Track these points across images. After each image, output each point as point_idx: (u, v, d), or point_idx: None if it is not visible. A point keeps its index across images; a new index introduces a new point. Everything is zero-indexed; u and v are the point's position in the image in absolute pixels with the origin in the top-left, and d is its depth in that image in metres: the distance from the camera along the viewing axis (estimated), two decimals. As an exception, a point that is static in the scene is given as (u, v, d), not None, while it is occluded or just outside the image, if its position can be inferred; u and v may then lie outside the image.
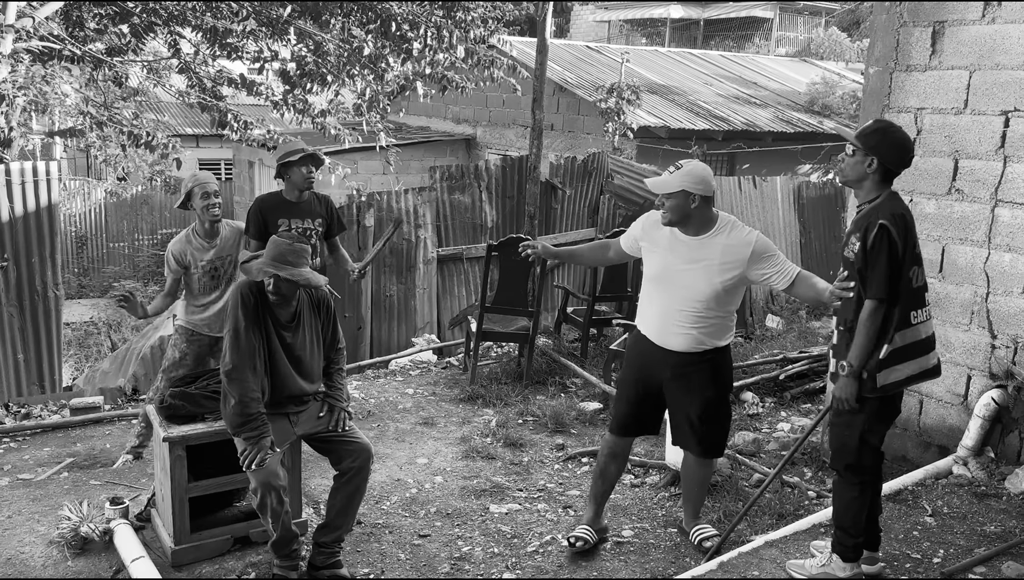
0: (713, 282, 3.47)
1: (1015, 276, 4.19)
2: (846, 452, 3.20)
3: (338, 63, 8.34)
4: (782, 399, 5.96)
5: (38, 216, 6.47)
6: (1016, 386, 4.21)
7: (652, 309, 3.65)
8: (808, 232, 10.68)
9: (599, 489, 3.90)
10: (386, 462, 4.90)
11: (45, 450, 5.30)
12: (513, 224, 9.10)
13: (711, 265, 3.47)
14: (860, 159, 3.09)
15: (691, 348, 3.55)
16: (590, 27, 27.80)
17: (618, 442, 3.82)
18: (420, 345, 7.96)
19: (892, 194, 3.13)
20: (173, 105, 18.02)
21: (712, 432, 3.68)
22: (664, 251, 3.57)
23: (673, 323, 3.55)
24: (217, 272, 4.60)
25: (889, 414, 3.23)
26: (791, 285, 3.46)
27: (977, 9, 4.20)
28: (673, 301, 3.54)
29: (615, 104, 11.44)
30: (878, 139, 3.09)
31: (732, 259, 3.46)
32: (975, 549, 3.59)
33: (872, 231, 3.01)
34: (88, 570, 3.58)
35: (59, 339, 6.79)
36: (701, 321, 3.52)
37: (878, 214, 3.04)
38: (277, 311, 3.49)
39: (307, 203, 4.72)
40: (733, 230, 3.51)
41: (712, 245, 3.49)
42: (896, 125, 3.19)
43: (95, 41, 8.55)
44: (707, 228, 3.50)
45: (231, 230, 4.66)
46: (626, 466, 4.09)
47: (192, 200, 4.49)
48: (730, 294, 3.54)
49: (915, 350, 3.10)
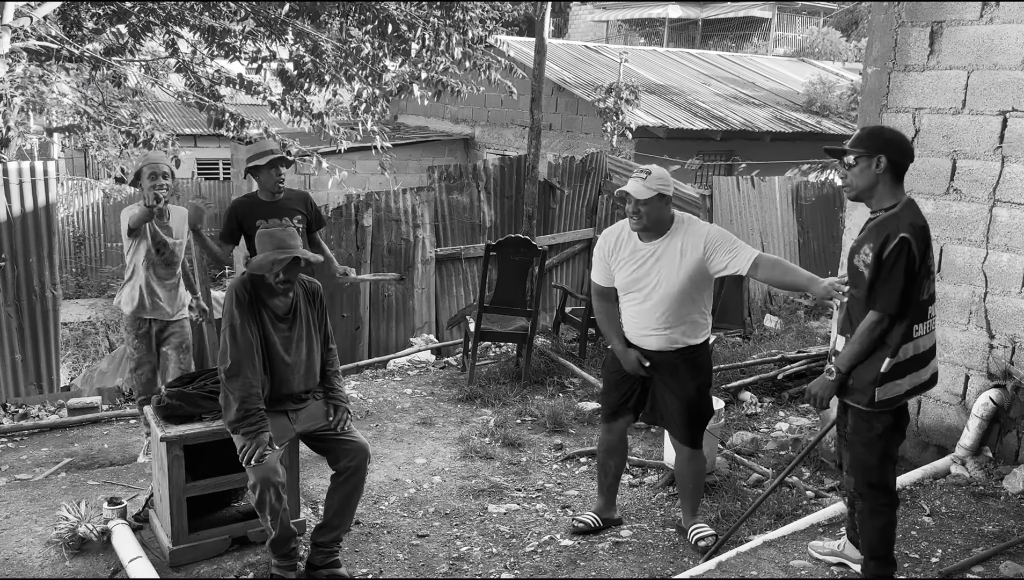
0: (678, 280, 3.59)
1: (1013, 276, 4.19)
2: (869, 471, 3.09)
3: (336, 63, 8.33)
4: (780, 399, 5.97)
5: (36, 216, 6.46)
6: (1014, 386, 4.21)
7: (627, 316, 3.81)
8: (806, 232, 10.69)
9: (604, 482, 4.09)
10: (384, 462, 4.89)
11: (43, 450, 5.29)
12: (511, 224, 9.10)
13: (672, 264, 3.61)
14: (866, 164, 2.98)
15: (666, 347, 3.70)
16: (588, 27, 27.81)
17: (606, 430, 3.98)
18: (418, 345, 7.96)
19: (910, 202, 3.02)
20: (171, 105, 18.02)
21: (693, 424, 3.80)
22: (627, 263, 3.72)
23: (647, 326, 3.71)
24: (166, 248, 4.60)
25: (903, 424, 3.17)
26: (754, 268, 3.51)
27: (975, 9, 4.20)
28: (644, 306, 3.70)
29: (613, 104, 11.44)
30: (878, 138, 3.02)
31: (690, 253, 3.58)
32: (973, 549, 3.59)
33: (891, 243, 2.89)
34: (86, 570, 3.58)
35: (57, 339, 6.78)
36: (672, 321, 3.66)
37: (898, 225, 2.91)
38: (274, 305, 3.49)
39: (284, 201, 4.72)
40: (690, 226, 3.65)
41: (672, 244, 3.63)
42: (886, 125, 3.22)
43: (93, 41, 8.54)
44: (667, 228, 3.64)
45: (179, 214, 4.72)
46: (626, 456, 4.16)
47: (141, 179, 4.55)
48: (698, 290, 3.65)
49: (913, 364, 3.03)
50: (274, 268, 3.41)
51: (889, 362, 2.98)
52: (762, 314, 9.46)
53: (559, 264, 9.50)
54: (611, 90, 11.55)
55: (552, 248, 9.15)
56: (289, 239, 3.45)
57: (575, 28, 28.12)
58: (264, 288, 3.48)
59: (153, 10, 8.24)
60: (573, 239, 9.60)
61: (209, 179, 19.89)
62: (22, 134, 7.17)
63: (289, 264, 3.42)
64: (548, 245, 8.74)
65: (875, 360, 3.00)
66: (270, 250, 3.43)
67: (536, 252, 6.44)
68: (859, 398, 3.06)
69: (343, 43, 8.44)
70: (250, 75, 8.83)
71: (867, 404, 3.03)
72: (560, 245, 9.48)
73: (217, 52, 8.42)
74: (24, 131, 7.33)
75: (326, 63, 8.29)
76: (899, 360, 2.99)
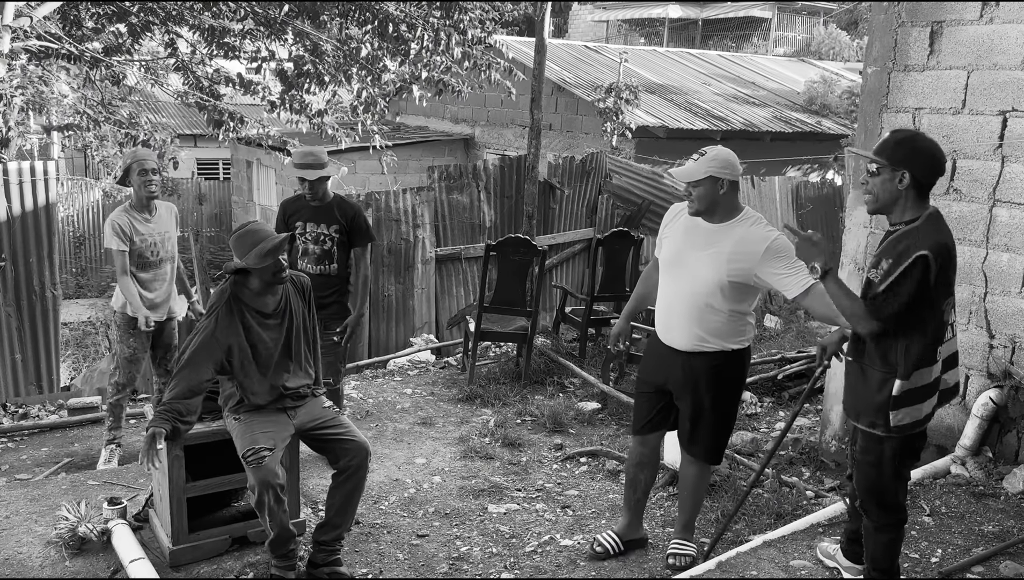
0: (720, 272, 3.28)
1: (1013, 276, 4.19)
2: (879, 491, 2.95)
3: (335, 63, 8.33)
4: (780, 399, 5.97)
5: (36, 216, 6.47)
6: (1014, 386, 4.21)
7: (661, 301, 3.53)
8: (807, 232, 10.68)
9: (631, 497, 3.77)
10: (384, 462, 4.89)
11: (43, 450, 5.29)
12: (511, 224, 9.11)
13: (721, 253, 3.29)
14: (888, 176, 2.75)
15: (693, 347, 3.40)
16: (588, 27, 27.81)
17: (638, 442, 3.68)
18: (418, 345, 7.96)
19: (934, 216, 2.77)
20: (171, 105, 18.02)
21: (705, 436, 3.50)
22: (679, 236, 3.44)
23: (676, 315, 3.43)
24: (155, 248, 4.71)
25: (919, 446, 3.00)
26: (804, 295, 3.18)
27: (975, 9, 4.20)
28: (678, 290, 3.41)
29: (613, 104, 11.45)
30: (906, 150, 2.76)
31: (744, 250, 3.27)
32: (973, 549, 3.59)
33: (907, 259, 2.69)
34: (86, 570, 3.58)
35: (57, 339, 6.78)
36: (703, 316, 3.35)
37: (919, 242, 2.69)
38: (261, 304, 3.47)
39: (327, 208, 4.63)
40: (755, 224, 3.34)
41: (729, 234, 3.31)
42: (920, 132, 2.98)
43: (92, 40, 8.54)
44: (730, 216, 3.34)
45: (165, 209, 4.83)
46: (657, 470, 3.83)
47: (130, 175, 4.62)
48: (737, 291, 3.32)
49: (924, 393, 2.85)
50: (266, 260, 3.33)
51: (901, 385, 2.79)
52: (762, 314, 9.46)
53: (559, 264, 9.50)
54: (611, 90, 11.56)
55: (552, 248, 9.15)
56: (263, 230, 3.41)
57: (575, 28, 28.13)
58: (247, 292, 3.45)
59: (152, 9, 8.24)
60: (573, 239, 9.60)
61: (209, 179, 19.91)
62: (22, 134, 7.17)
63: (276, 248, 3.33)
64: (548, 245, 8.75)
65: (883, 383, 2.82)
66: (251, 248, 3.34)
67: (536, 252, 6.44)
68: (869, 421, 2.89)
69: (343, 43, 8.44)
70: (250, 75, 8.84)
71: (883, 429, 2.85)
72: (560, 245, 9.49)
73: (216, 52, 8.43)
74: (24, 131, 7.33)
75: (326, 63, 8.29)
76: (918, 384, 2.80)
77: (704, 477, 3.66)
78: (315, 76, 8.26)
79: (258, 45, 8.46)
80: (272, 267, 3.38)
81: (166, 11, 8.25)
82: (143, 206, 4.70)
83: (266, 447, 3.33)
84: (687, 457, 3.62)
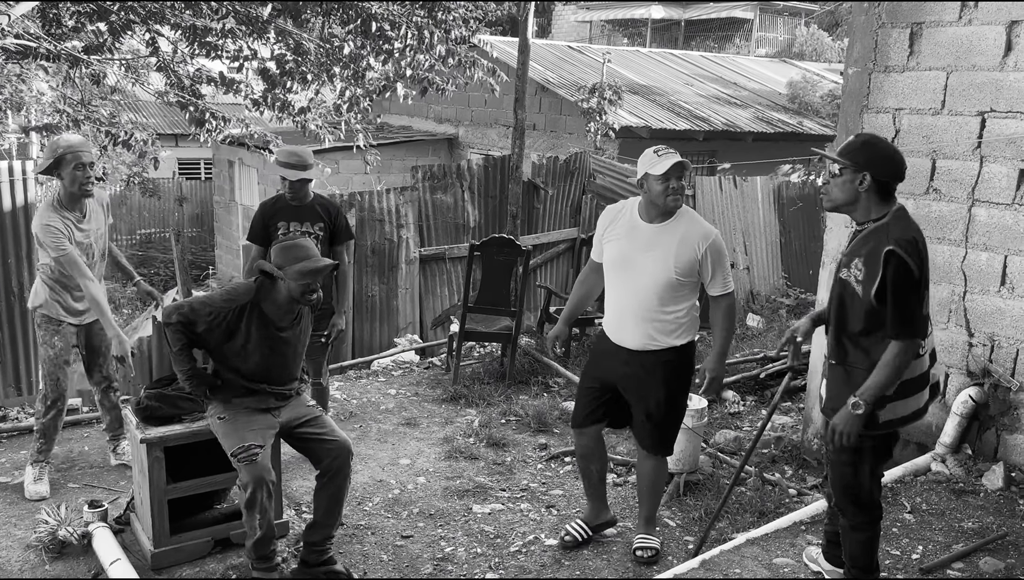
0: (668, 270, 3.46)
1: (992, 275, 4.24)
2: (853, 489, 2.99)
3: (318, 62, 8.29)
4: (763, 397, 6.00)
5: (14, 216, 6.39)
6: (993, 384, 4.25)
7: (610, 302, 3.67)
8: (788, 232, 10.76)
9: (588, 487, 3.95)
10: (368, 463, 4.88)
11: (22, 453, 5.22)
12: (495, 224, 9.10)
13: (668, 251, 3.46)
14: (850, 178, 2.85)
15: (643, 346, 3.55)
16: (572, 27, 27.85)
17: (578, 434, 3.84)
18: (402, 345, 7.93)
19: (900, 213, 2.86)
20: (152, 104, 17.87)
21: (661, 431, 3.66)
22: (623, 238, 3.57)
23: (628, 316, 3.57)
24: (91, 249, 4.20)
25: (892, 443, 3.05)
26: (722, 297, 3.51)
27: (954, 10, 4.24)
28: (628, 291, 3.55)
29: (597, 104, 11.46)
30: (868, 153, 2.85)
31: (689, 244, 3.46)
32: (953, 545, 3.62)
33: (887, 262, 2.73)
34: (66, 574, 3.54)
35: (36, 340, 6.70)
36: (654, 315, 3.51)
37: (886, 238, 2.77)
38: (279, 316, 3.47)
39: (309, 207, 4.60)
40: (694, 220, 3.54)
41: (672, 232, 3.49)
42: (881, 137, 3.07)
43: (72, 39, 8.45)
44: (668, 215, 3.51)
45: (95, 203, 4.25)
46: (606, 457, 4.01)
47: (62, 168, 3.92)
48: (685, 287, 3.51)
49: (914, 386, 2.91)
50: (304, 278, 3.34)
51: None
52: (744, 313, 9.51)
53: (543, 264, 9.50)
54: (594, 90, 11.57)
55: (536, 248, 9.15)
56: (307, 251, 3.40)
57: (558, 28, 28.16)
58: (268, 301, 3.44)
59: (133, 8, 8.17)
60: (557, 239, 9.61)
61: (191, 179, 19.77)
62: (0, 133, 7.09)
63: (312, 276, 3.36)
64: (532, 245, 8.73)
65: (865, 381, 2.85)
66: (295, 262, 3.34)
67: (520, 252, 6.44)
68: None
69: (326, 41, 8.40)
70: (231, 73, 8.77)
71: (870, 428, 2.87)
72: (544, 245, 9.49)
73: (198, 51, 8.36)
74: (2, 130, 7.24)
75: (308, 62, 8.25)
76: (907, 377, 2.85)
77: (661, 470, 3.81)
78: (298, 74, 8.21)
79: (240, 44, 8.40)
80: (304, 287, 3.37)
81: (147, 10, 8.18)
82: (75, 205, 4.08)
83: (256, 444, 3.33)
84: (643, 453, 3.74)
